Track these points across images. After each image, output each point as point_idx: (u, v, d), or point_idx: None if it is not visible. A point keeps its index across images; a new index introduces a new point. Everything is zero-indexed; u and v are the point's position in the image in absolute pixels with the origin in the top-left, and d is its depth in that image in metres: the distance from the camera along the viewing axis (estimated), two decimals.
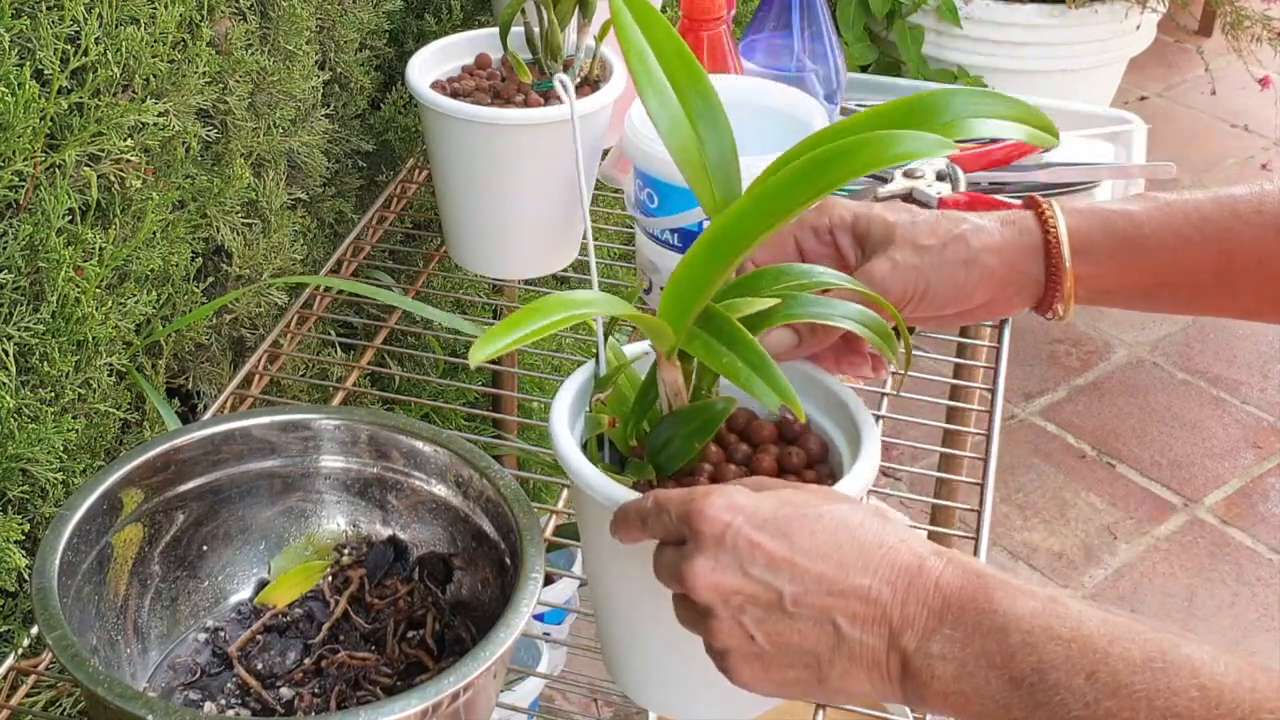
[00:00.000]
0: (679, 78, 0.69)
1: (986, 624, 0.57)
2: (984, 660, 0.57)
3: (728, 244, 0.63)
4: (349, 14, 1.28)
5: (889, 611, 0.59)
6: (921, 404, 1.15)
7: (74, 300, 0.95)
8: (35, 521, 0.96)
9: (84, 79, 0.93)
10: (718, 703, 0.77)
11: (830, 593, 0.59)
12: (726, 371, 0.65)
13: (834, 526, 0.60)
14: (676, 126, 0.69)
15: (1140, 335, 2.62)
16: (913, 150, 0.61)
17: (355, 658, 0.82)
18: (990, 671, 0.56)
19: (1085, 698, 0.54)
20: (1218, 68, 3.19)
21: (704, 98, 0.69)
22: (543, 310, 0.61)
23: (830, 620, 0.59)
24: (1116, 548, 2.16)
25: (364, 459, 0.88)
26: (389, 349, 1.26)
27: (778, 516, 0.61)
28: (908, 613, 0.58)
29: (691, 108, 0.69)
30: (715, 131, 0.69)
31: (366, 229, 1.31)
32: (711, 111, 0.69)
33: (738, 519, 0.61)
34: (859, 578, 0.59)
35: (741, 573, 0.60)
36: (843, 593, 0.59)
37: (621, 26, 0.68)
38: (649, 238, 1.10)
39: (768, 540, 0.60)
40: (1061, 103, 1.41)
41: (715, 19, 1.23)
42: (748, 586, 0.60)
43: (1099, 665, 0.54)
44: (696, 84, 0.69)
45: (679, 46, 0.69)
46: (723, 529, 0.60)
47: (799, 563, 0.59)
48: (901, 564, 0.59)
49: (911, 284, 0.77)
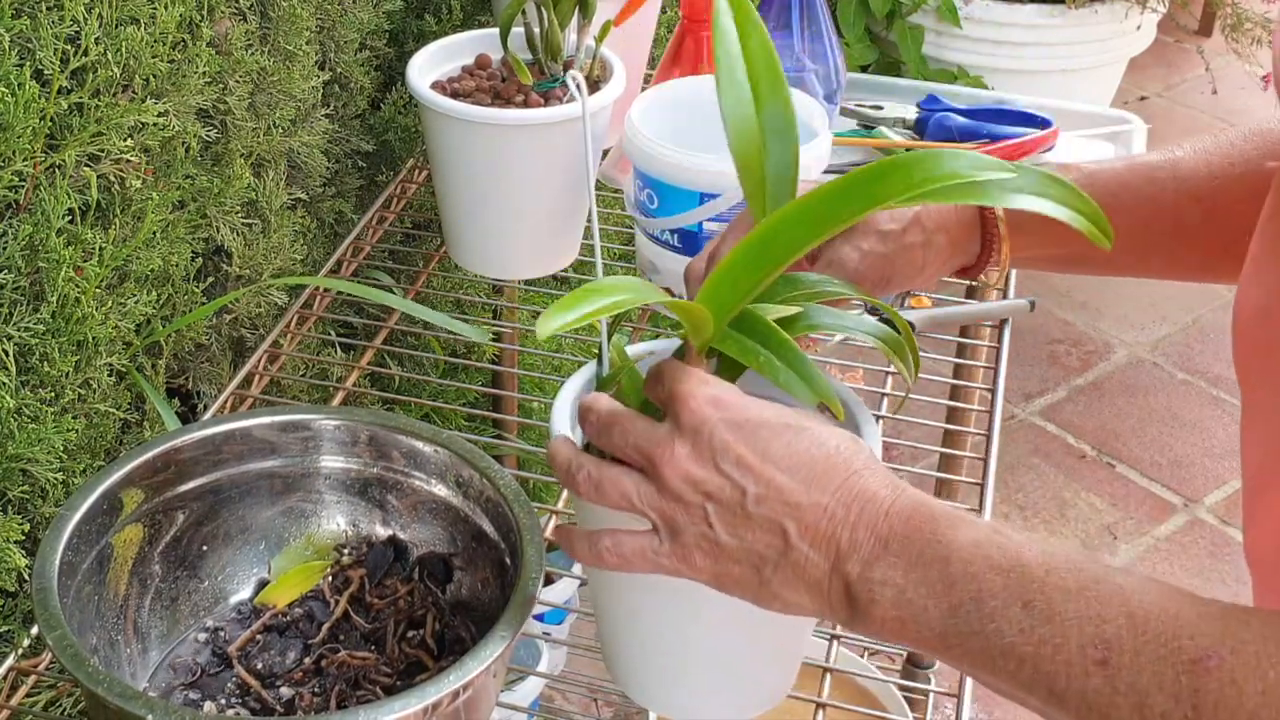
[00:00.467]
0: (761, 87, 0.69)
1: (929, 553, 0.59)
2: (924, 588, 0.58)
3: (776, 248, 0.63)
4: (349, 14, 1.28)
5: (839, 533, 0.60)
6: (921, 404, 1.15)
7: (74, 300, 0.95)
8: (35, 521, 0.96)
9: (84, 79, 0.93)
10: (717, 702, 0.78)
11: (788, 503, 0.61)
12: (763, 369, 0.65)
13: (809, 443, 0.62)
14: (745, 132, 0.69)
15: (1140, 335, 2.62)
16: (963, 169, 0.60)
17: (355, 657, 0.82)
18: (930, 599, 0.58)
19: (1020, 624, 0.56)
20: (1218, 68, 3.19)
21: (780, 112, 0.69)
22: (602, 291, 0.61)
23: (782, 528, 0.61)
24: (1116, 548, 2.16)
25: (364, 459, 0.88)
26: (389, 349, 1.26)
27: (759, 421, 0.62)
28: (856, 537, 0.60)
29: (765, 118, 0.69)
30: (783, 147, 0.69)
31: (366, 229, 1.31)
32: (785, 127, 0.69)
33: (718, 414, 0.62)
34: (819, 495, 0.61)
35: (714, 466, 0.61)
36: (799, 505, 0.61)
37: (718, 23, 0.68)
38: (649, 238, 1.10)
39: (742, 441, 0.61)
40: (1061, 103, 1.41)
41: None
42: (714, 479, 0.61)
43: (1035, 594, 0.56)
44: (776, 96, 0.69)
45: (770, 58, 0.69)
46: (701, 422, 0.62)
47: (766, 469, 0.61)
48: (859, 489, 0.61)
49: (880, 270, 0.80)
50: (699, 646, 0.74)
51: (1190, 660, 0.52)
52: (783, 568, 0.61)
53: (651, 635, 0.75)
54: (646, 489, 0.63)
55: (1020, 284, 1.26)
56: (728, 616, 0.72)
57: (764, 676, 0.78)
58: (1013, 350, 1.53)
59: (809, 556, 0.61)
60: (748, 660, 0.76)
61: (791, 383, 0.64)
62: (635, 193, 1.10)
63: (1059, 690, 0.55)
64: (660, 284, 1.11)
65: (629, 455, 0.64)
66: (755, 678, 0.78)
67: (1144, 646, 0.53)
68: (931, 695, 0.93)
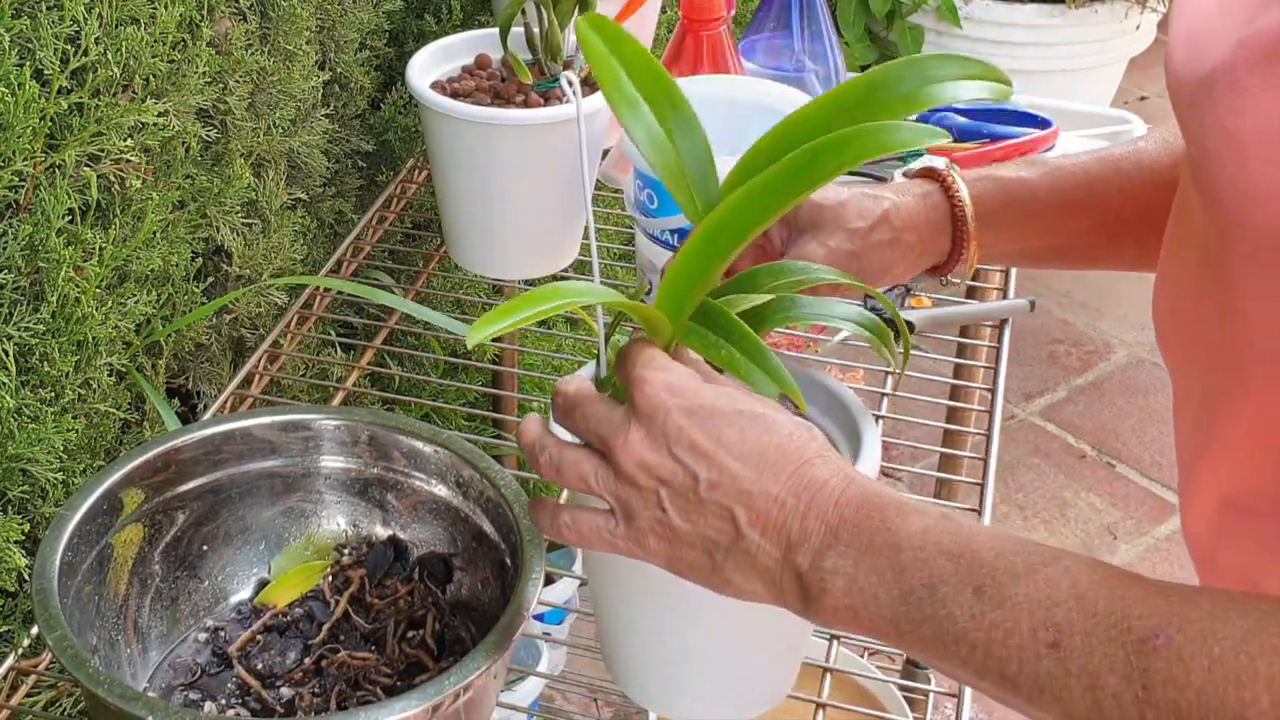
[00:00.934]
0: (651, 92, 0.69)
1: (879, 541, 0.59)
2: (875, 576, 0.59)
3: (723, 237, 0.64)
4: (349, 14, 1.28)
5: (789, 522, 0.60)
6: (921, 404, 1.15)
7: (74, 300, 0.95)
8: (35, 521, 0.96)
9: (84, 79, 0.93)
10: (717, 703, 0.78)
11: (740, 490, 0.61)
12: (725, 363, 0.65)
13: (762, 430, 0.62)
14: (654, 141, 0.69)
15: (1140, 335, 2.62)
16: (903, 140, 0.61)
17: (355, 658, 0.82)
18: (881, 587, 0.58)
19: (971, 610, 0.56)
20: None
21: (676, 107, 0.69)
22: (537, 298, 0.61)
23: (733, 515, 0.61)
24: (1116, 548, 2.16)
25: (364, 459, 0.88)
26: (389, 349, 1.26)
27: (713, 408, 0.62)
28: (806, 525, 0.60)
29: (666, 119, 0.69)
30: (690, 140, 0.69)
31: (366, 229, 1.31)
32: (684, 120, 0.69)
33: (673, 400, 0.62)
34: (770, 484, 0.61)
35: (668, 452, 0.62)
36: (750, 494, 0.61)
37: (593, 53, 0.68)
38: (649, 238, 1.10)
39: (696, 427, 0.62)
40: (1062, 103, 1.41)
41: (715, 19, 1.23)
42: (668, 465, 0.62)
43: (985, 579, 0.56)
44: (668, 95, 0.69)
45: (647, 60, 0.69)
46: (655, 407, 0.62)
47: (719, 456, 0.61)
48: (810, 478, 0.61)
49: (846, 267, 0.79)
50: (699, 647, 0.74)
51: (1139, 640, 0.52)
52: (734, 554, 0.62)
53: (652, 635, 0.75)
54: (604, 472, 0.64)
55: (1020, 284, 1.26)
56: (728, 617, 0.72)
57: (764, 677, 0.78)
58: (1013, 350, 1.53)
59: (760, 545, 0.61)
60: (748, 660, 0.76)
61: (752, 375, 0.65)
62: (635, 193, 1.10)
63: (1011, 675, 0.55)
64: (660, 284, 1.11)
65: (589, 438, 0.65)
66: (755, 678, 0.78)
67: (1094, 628, 0.54)
68: (931, 695, 0.93)
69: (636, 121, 0.69)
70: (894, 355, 0.72)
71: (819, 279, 0.72)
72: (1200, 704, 0.51)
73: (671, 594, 0.71)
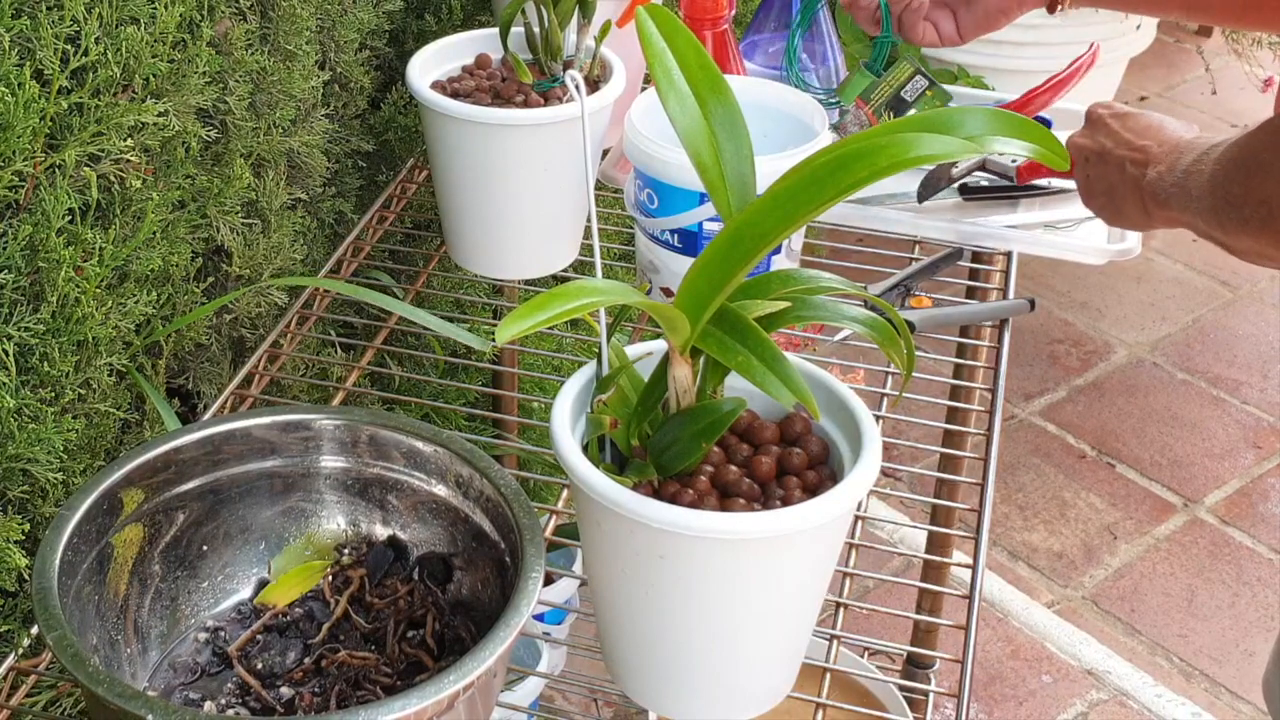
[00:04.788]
0: (701, 86, 0.69)
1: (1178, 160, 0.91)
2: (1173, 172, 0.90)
3: (746, 242, 0.63)
4: (349, 14, 1.28)
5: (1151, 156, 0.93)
6: (921, 404, 1.15)
7: (74, 300, 0.95)
8: (35, 521, 0.96)
9: (84, 79, 0.93)
10: (717, 702, 0.78)
11: (1131, 148, 0.95)
12: (741, 368, 0.65)
13: (1160, 124, 0.95)
14: (695, 132, 0.69)
15: (1140, 335, 2.62)
16: (933, 152, 0.61)
17: (355, 657, 0.82)
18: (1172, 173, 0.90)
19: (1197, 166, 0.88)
20: (1218, 68, 3.19)
21: (725, 106, 0.69)
22: (564, 296, 0.61)
23: (1121, 164, 0.96)
24: (1116, 548, 2.16)
25: (364, 459, 0.88)
26: (389, 349, 1.26)
27: (1135, 113, 0.98)
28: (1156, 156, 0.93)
29: (711, 115, 0.69)
30: (734, 140, 0.70)
31: (366, 229, 1.31)
32: (732, 120, 0.70)
33: (1108, 111, 1.00)
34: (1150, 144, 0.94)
35: (1089, 136, 1.00)
36: (1135, 148, 0.95)
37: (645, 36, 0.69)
38: (649, 238, 1.10)
39: (1114, 121, 0.98)
40: (1062, 103, 1.41)
41: (716, 19, 1.23)
42: (1089, 143, 1.00)
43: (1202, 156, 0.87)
44: (718, 92, 0.69)
45: (702, 57, 0.69)
46: (1097, 116, 1.01)
47: (1124, 134, 0.97)
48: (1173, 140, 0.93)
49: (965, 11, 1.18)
50: (699, 646, 0.74)
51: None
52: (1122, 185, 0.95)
53: (651, 635, 0.75)
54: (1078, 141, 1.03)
55: (1020, 284, 1.26)
56: (728, 617, 0.72)
57: (764, 676, 0.78)
58: (1013, 350, 1.53)
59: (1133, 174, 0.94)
60: (748, 660, 0.76)
61: (768, 382, 0.65)
62: (635, 193, 1.10)
63: None
64: (660, 284, 1.11)
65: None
66: (755, 678, 0.78)
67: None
68: (931, 695, 0.93)
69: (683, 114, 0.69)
70: (900, 355, 0.72)
71: (829, 288, 0.72)
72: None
73: (671, 594, 0.71)
